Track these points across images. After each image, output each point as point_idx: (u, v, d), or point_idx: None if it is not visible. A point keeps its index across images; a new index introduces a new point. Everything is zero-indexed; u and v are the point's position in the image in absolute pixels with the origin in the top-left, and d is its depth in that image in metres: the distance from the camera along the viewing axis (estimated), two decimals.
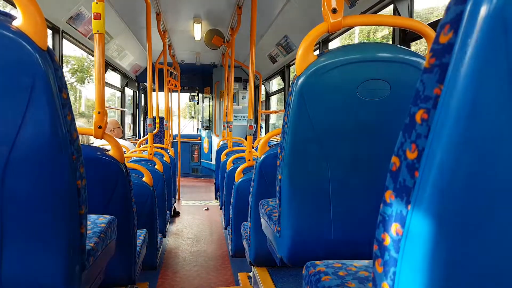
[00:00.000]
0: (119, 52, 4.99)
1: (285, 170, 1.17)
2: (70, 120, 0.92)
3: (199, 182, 7.34)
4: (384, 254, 0.52)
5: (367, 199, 1.17)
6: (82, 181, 0.99)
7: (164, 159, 3.69)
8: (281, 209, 1.22)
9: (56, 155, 0.89)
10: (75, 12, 3.08)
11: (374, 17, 1.22)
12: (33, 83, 0.82)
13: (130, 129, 7.04)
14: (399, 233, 0.49)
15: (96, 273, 1.22)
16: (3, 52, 0.81)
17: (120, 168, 1.60)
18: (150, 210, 2.31)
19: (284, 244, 1.23)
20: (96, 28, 1.63)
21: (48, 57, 0.85)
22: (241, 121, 7.03)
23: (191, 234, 3.89)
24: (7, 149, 0.84)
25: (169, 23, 4.40)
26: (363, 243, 1.18)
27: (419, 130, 0.46)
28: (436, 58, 0.45)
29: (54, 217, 0.93)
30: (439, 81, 0.44)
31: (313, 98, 1.10)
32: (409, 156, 0.47)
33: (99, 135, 1.59)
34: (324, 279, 0.84)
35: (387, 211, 0.52)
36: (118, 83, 5.98)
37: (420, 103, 0.46)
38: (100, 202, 1.57)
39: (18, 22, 0.83)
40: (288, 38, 4.14)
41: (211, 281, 2.67)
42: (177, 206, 5.14)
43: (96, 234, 1.24)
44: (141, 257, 1.96)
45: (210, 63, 7.09)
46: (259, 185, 1.95)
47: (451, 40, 0.42)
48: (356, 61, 1.08)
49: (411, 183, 0.47)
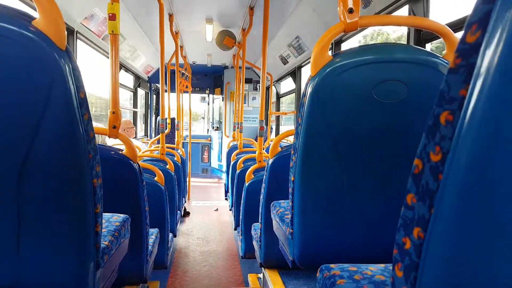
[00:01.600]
0: (132, 53, 5.04)
1: (298, 172, 1.16)
2: (87, 119, 0.93)
3: (209, 183, 7.37)
4: (404, 258, 0.51)
5: (382, 202, 1.16)
6: (98, 180, 1.00)
7: (175, 159, 3.72)
8: (294, 211, 1.21)
9: (73, 154, 0.89)
10: (90, 13, 3.11)
11: (391, 17, 1.21)
12: (52, 82, 0.83)
13: (142, 130, 7.11)
14: (420, 237, 0.48)
15: (110, 271, 1.23)
16: (23, 52, 0.82)
17: (133, 168, 1.61)
18: (162, 209, 2.33)
19: (297, 246, 1.22)
20: (111, 29, 1.65)
21: (67, 57, 0.86)
22: (251, 122, 7.03)
23: (201, 234, 3.90)
24: (25, 147, 0.85)
25: (181, 24, 4.43)
26: (378, 247, 1.16)
27: (443, 132, 0.45)
28: (462, 58, 0.44)
29: (70, 215, 0.94)
30: (465, 82, 0.43)
31: (328, 99, 1.09)
32: (433, 158, 0.46)
33: (113, 134, 1.61)
34: (339, 283, 0.83)
35: (408, 215, 0.51)
36: (131, 84, 6.05)
37: (445, 105, 0.45)
38: (113, 201, 1.58)
39: (37, 22, 0.84)
40: (300, 39, 4.12)
41: (221, 282, 2.67)
42: (187, 206, 5.16)
43: (110, 232, 1.25)
44: (153, 256, 1.97)
45: (221, 64, 7.12)
46: (270, 186, 1.95)
47: (479, 39, 0.41)
48: (373, 61, 1.07)
49: (434, 186, 0.46)
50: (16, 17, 0.82)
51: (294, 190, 1.19)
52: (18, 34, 0.81)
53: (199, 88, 7.80)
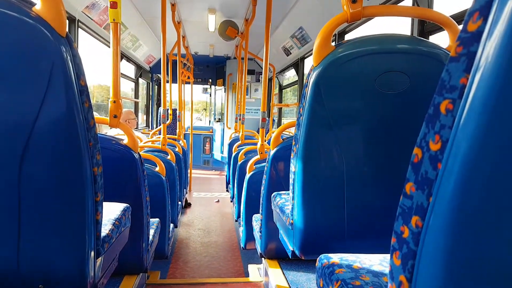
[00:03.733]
0: (133, 43, 5.01)
1: (299, 162, 1.16)
2: (88, 107, 0.93)
3: (210, 174, 7.39)
4: (402, 246, 0.51)
5: (382, 192, 1.16)
6: (99, 168, 1.00)
7: (176, 150, 3.72)
8: (295, 201, 1.21)
9: (73, 141, 0.90)
10: (91, 2, 3.09)
11: (395, 8, 1.19)
12: (52, 68, 0.83)
13: (144, 120, 7.11)
14: (419, 226, 0.48)
15: (111, 260, 1.24)
16: (23, 38, 0.81)
17: (134, 158, 1.61)
18: (163, 199, 2.34)
19: (297, 237, 1.22)
20: (112, 17, 1.63)
21: (67, 44, 0.86)
22: (253, 114, 7.02)
23: (202, 225, 3.92)
24: (26, 134, 0.85)
25: (184, 14, 4.40)
26: (377, 237, 1.17)
27: (443, 121, 0.45)
28: (463, 47, 0.43)
29: (71, 203, 0.94)
30: (466, 71, 0.42)
31: (330, 90, 1.08)
32: (432, 147, 0.46)
33: (114, 124, 1.60)
34: (338, 272, 0.83)
35: (407, 203, 0.51)
36: (132, 74, 6.03)
37: (445, 93, 0.45)
38: (114, 191, 1.59)
39: (38, 8, 0.84)
40: (303, 30, 4.09)
41: (221, 272, 2.69)
42: (189, 197, 5.18)
43: (111, 221, 1.25)
44: (154, 246, 1.99)
45: (224, 55, 7.08)
46: (271, 177, 1.95)
47: (480, 28, 0.41)
48: (375, 52, 1.06)
49: (433, 175, 0.46)
50: (16, 3, 0.82)
51: (295, 181, 1.19)
52: (18, 20, 0.80)
53: (201, 79, 7.78)
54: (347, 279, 0.80)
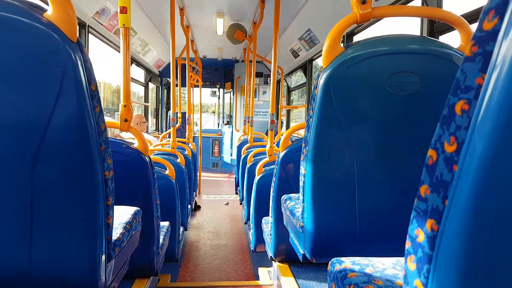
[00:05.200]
0: (143, 47, 5.06)
1: (309, 165, 1.15)
2: (99, 112, 0.94)
3: (219, 177, 7.40)
4: (417, 251, 0.50)
5: (394, 195, 1.14)
6: (110, 172, 1.00)
7: (186, 154, 3.74)
8: (305, 204, 1.20)
9: (84, 146, 0.90)
10: (101, 7, 3.13)
11: (405, 8, 1.18)
12: (63, 73, 0.84)
13: (153, 124, 7.17)
14: (434, 230, 0.47)
15: (122, 263, 1.25)
16: (35, 43, 0.82)
17: (145, 161, 1.62)
18: (173, 202, 2.35)
19: (307, 240, 1.21)
20: (122, 22, 1.65)
21: (78, 49, 0.87)
22: (261, 116, 7.03)
23: (211, 228, 3.92)
24: (38, 138, 0.86)
25: (192, 18, 4.43)
26: (389, 240, 1.15)
27: (458, 122, 0.44)
28: (479, 46, 0.42)
29: (82, 207, 0.95)
30: (481, 70, 0.41)
31: (340, 91, 1.07)
32: (447, 149, 0.45)
33: (124, 128, 1.62)
34: (350, 276, 0.82)
35: (421, 206, 0.50)
36: (142, 78, 6.09)
37: (461, 94, 0.44)
38: (125, 194, 1.60)
39: (49, 13, 0.85)
40: (311, 32, 4.08)
41: (231, 275, 2.69)
42: (198, 200, 5.20)
43: (122, 225, 1.26)
44: (164, 249, 1.99)
45: (232, 58, 7.11)
46: (281, 180, 1.94)
47: (496, 26, 0.40)
48: (386, 53, 1.05)
49: (448, 177, 0.45)
50: (27, 9, 0.83)
51: (305, 183, 1.18)
52: (29, 26, 0.81)
53: (210, 83, 7.82)
54: (360, 283, 0.79)
